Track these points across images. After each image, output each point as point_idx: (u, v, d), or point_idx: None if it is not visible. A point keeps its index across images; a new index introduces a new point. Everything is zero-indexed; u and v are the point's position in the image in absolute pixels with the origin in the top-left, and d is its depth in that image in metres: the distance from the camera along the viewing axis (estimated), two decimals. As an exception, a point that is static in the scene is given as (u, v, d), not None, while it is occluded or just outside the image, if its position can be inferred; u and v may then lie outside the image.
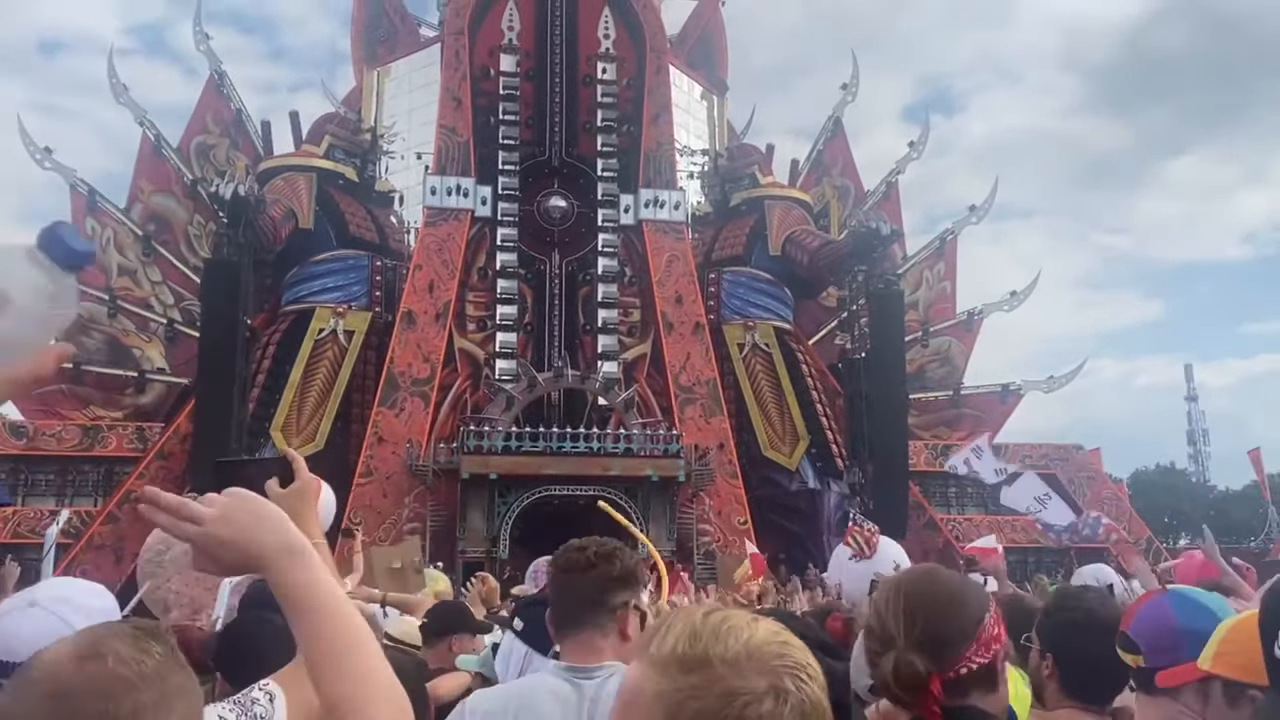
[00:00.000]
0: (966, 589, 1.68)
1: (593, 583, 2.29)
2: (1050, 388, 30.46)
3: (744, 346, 27.27)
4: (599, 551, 2.34)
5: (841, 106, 33.21)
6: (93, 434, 24.62)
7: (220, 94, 30.03)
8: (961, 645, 1.56)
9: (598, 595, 2.28)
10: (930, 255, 31.81)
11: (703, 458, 24.12)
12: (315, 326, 25.51)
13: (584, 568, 2.31)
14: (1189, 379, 71.22)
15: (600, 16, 28.51)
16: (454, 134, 27.01)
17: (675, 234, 27.46)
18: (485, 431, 22.89)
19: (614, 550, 2.36)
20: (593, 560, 2.32)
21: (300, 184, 26.41)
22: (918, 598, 1.62)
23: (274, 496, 1.86)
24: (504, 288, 26.28)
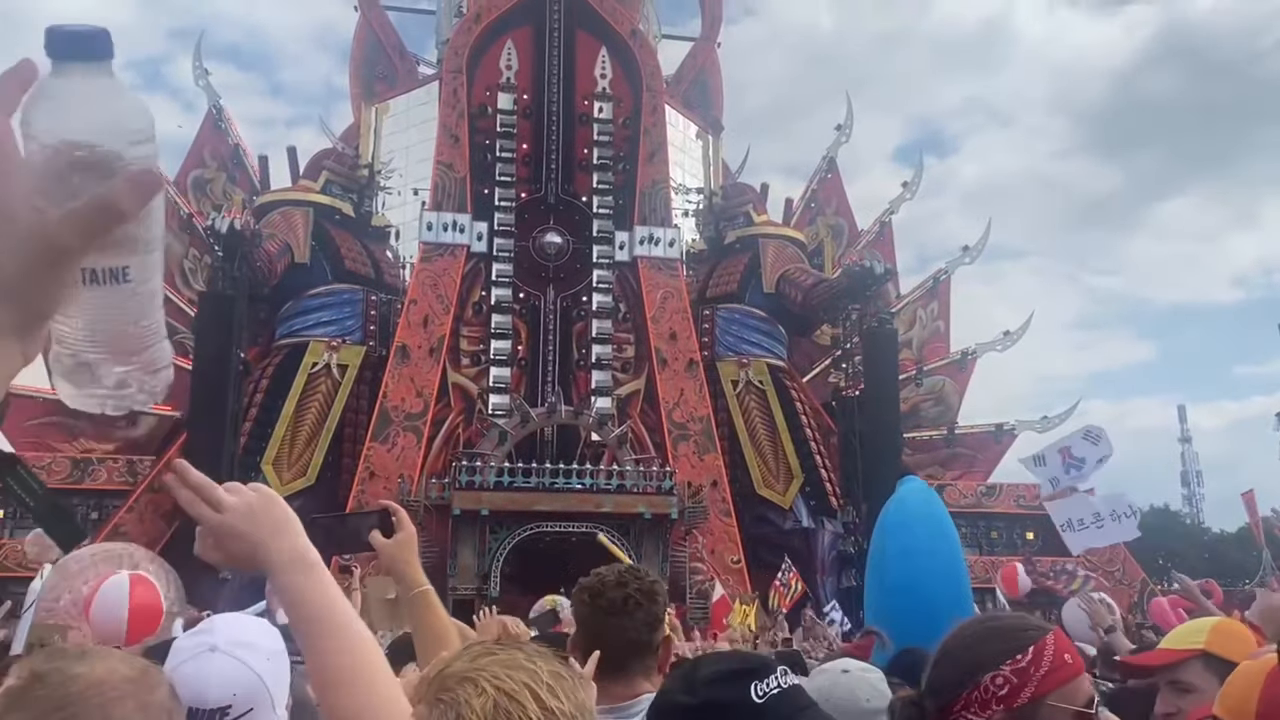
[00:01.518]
0: (988, 636, 1.58)
1: (640, 625, 2.18)
2: (1044, 428, 30.43)
3: (738, 384, 27.27)
4: (642, 590, 2.21)
5: (835, 147, 33.52)
6: (83, 467, 24.47)
7: (218, 129, 30.22)
8: (954, 692, 1.51)
9: (646, 636, 2.18)
10: (924, 295, 31.96)
11: (696, 495, 24.02)
12: (309, 360, 25.47)
13: (629, 609, 2.18)
14: (1182, 420, 71.27)
15: (597, 57, 28.81)
16: (451, 170, 27.16)
17: (670, 271, 27.56)
18: (477, 467, 22.78)
19: (654, 587, 2.25)
20: (639, 601, 2.19)
21: (297, 219, 26.50)
22: (945, 639, 1.59)
23: (379, 547, 1.89)
24: (498, 323, 26.30)
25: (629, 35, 28.92)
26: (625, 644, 2.15)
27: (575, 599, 2.31)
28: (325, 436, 24.69)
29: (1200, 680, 2.15)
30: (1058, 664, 1.53)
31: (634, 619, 2.17)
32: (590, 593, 2.25)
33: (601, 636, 2.16)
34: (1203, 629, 2.30)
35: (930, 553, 4.23)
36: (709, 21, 35.94)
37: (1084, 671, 1.58)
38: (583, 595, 2.27)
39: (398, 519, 1.94)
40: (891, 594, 4.13)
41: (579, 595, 2.28)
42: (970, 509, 27.56)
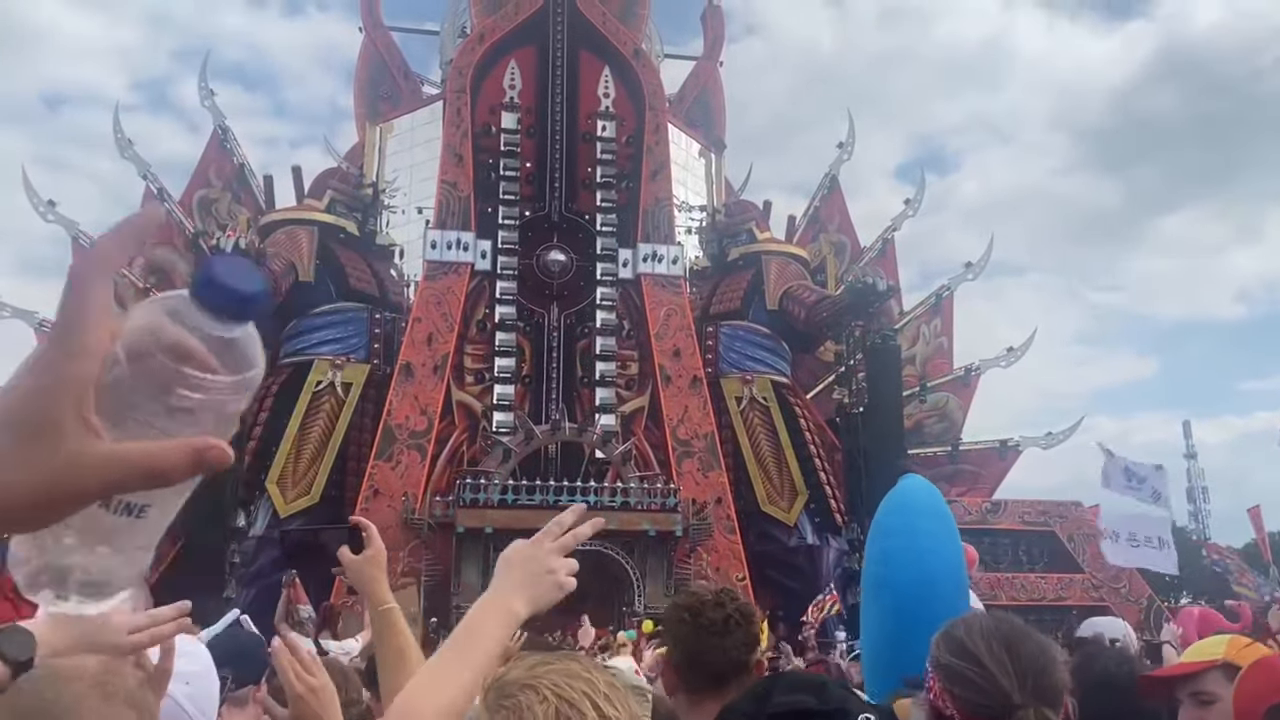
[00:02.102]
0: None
1: (739, 645, 2.17)
2: (1048, 444, 30.44)
3: (741, 400, 27.27)
4: (741, 611, 2.21)
5: (838, 164, 33.65)
6: (87, 486, 24.47)
7: (224, 149, 30.40)
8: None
9: (744, 656, 2.17)
10: (927, 311, 31.99)
11: (700, 512, 23.99)
12: (313, 379, 25.52)
13: (729, 629, 2.17)
14: (1187, 436, 70.98)
15: (600, 76, 28.98)
16: (455, 189, 27.29)
17: (673, 288, 27.62)
18: (481, 484, 22.78)
19: (751, 609, 2.25)
20: (738, 621, 2.19)
21: (301, 237, 26.61)
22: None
23: (347, 563, 1.93)
24: (502, 340, 26.36)
25: (632, 55, 29.10)
26: (725, 663, 2.15)
27: (672, 618, 2.29)
28: (329, 455, 24.71)
29: (1221, 690, 2.19)
30: None
31: (734, 638, 2.17)
32: (690, 612, 2.24)
33: (701, 655, 2.18)
34: (1221, 642, 2.37)
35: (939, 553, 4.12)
36: (711, 41, 36.17)
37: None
38: (682, 614, 2.26)
39: (367, 535, 1.98)
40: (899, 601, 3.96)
41: (677, 614, 2.28)
42: (975, 525, 27.47)
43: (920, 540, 3.91)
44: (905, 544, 3.88)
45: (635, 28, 30.14)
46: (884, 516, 4.14)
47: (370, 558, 1.97)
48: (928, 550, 3.87)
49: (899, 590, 3.77)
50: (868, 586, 4.02)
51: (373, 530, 2.01)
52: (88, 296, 0.62)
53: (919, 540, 3.89)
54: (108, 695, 1.36)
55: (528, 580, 1.48)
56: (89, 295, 0.62)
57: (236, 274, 0.67)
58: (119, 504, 0.69)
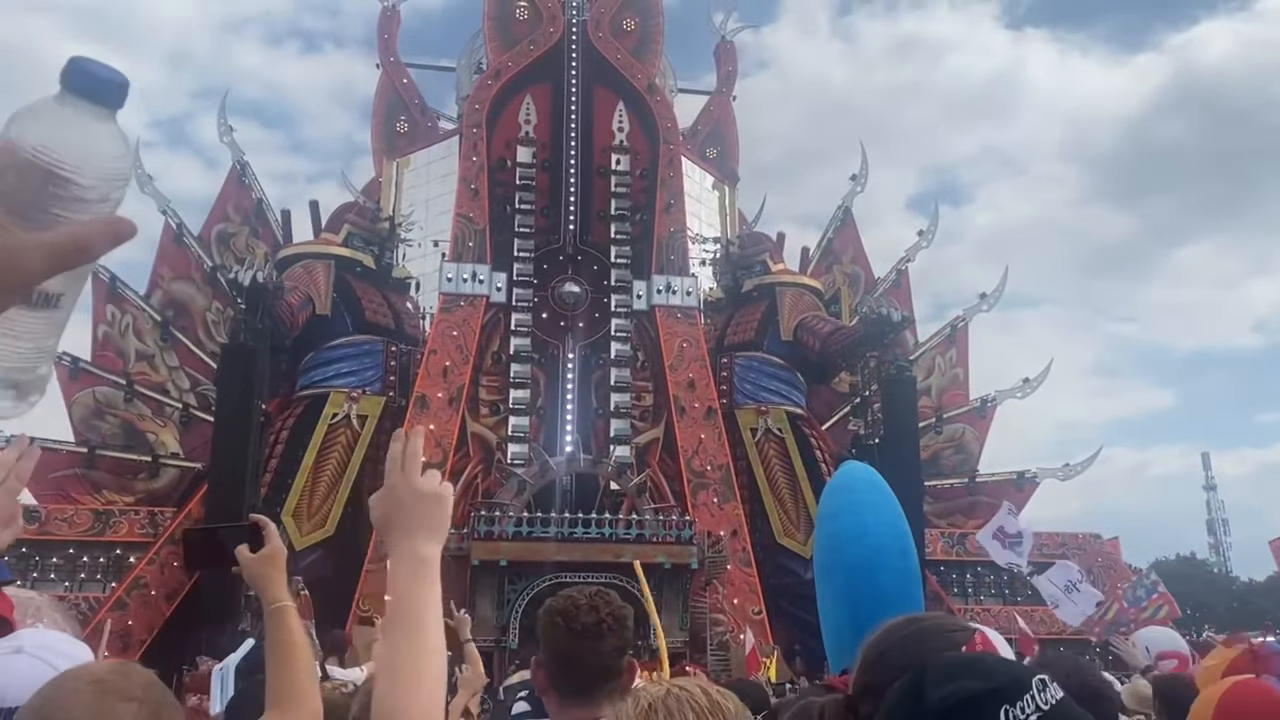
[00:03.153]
0: (920, 636, 1.56)
1: (610, 650, 2.17)
2: (1066, 475, 30.18)
3: (757, 431, 27.20)
4: (614, 615, 2.20)
5: (851, 196, 33.74)
6: (104, 518, 24.57)
7: (242, 184, 30.74)
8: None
9: (614, 662, 2.16)
10: (942, 342, 31.90)
11: (716, 545, 23.85)
12: (329, 411, 25.62)
13: (601, 634, 2.17)
14: (1206, 468, 70.24)
15: (614, 110, 29.25)
16: (471, 222, 27.50)
17: (688, 319, 27.67)
18: (496, 517, 22.72)
19: (625, 613, 2.24)
20: (611, 626, 2.18)
21: (319, 271, 26.82)
22: (874, 639, 1.59)
23: (244, 561, 1.97)
24: (517, 372, 26.43)
25: (645, 89, 29.37)
26: (595, 668, 2.15)
27: (545, 620, 2.28)
28: (344, 487, 24.74)
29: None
30: None
31: (605, 643, 2.16)
32: (562, 615, 2.22)
33: (571, 659, 2.17)
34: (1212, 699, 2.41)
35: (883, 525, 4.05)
36: (724, 75, 36.47)
37: None
38: (554, 618, 2.25)
39: (266, 533, 1.99)
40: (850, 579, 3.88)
41: (549, 617, 2.26)
42: (992, 559, 27.24)
43: (864, 515, 3.88)
44: (850, 523, 3.87)
45: (649, 63, 30.43)
46: (828, 499, 4.12)
47: (267, 556, 1.98)
48: (872, 524, 3.85)
49: (849, 568, 3.74)
50: (820, 573, 3.96)
51: (271, 529, 2.02)
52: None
53: (863, 516, 3.87)
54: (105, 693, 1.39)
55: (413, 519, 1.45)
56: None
57: (102, 65, 0.79)
58: (39, 295, 0.81)
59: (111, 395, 26.24)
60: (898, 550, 3.86)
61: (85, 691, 1.37)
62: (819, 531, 4.13)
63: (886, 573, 3.73)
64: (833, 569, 3.83)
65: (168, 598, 22.90)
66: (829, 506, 4.05)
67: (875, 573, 3.70)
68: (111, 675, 1.43)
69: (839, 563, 3.81)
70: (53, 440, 25.34)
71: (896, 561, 3.83)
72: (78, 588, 23.54)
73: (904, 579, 3.82)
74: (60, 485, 24.73)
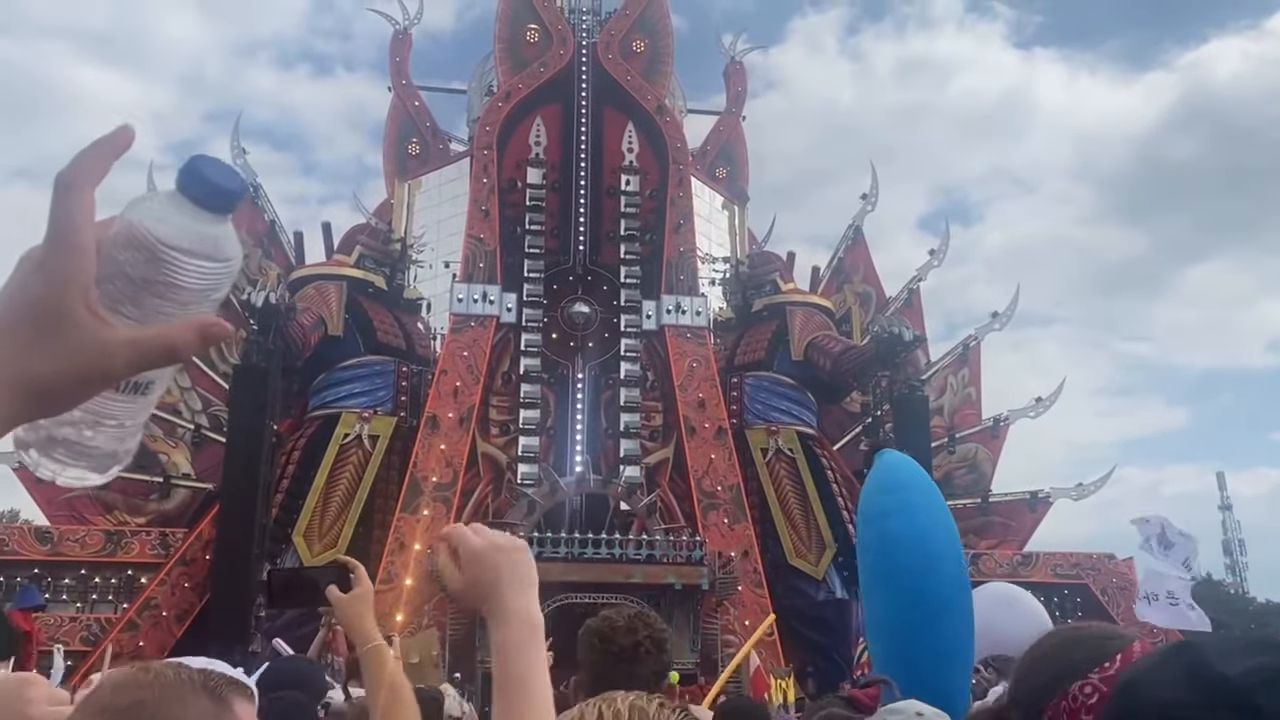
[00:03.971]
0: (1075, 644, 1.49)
1: (649, 675, 2.14)
2: (1079, 495, 29.96)
3: (767, 451, 27.11)
4: (653, 638, 2.18)
5: (861, 215, 33.75)
6: (116, 539, 24.61)
7: (255, 206, 30.94)
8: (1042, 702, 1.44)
9: (653, 685, 2.13)
10: (954, 361, 31.80)
11: (726, 565, 23.74)
12: (340, 432, 25.66)
13: (640, 657, 2.15)
14: (1221, 488, 69.62)
15: (624, 131, 29.38)
16: (481, 243, 27.62)
17: (697, 339, 27.66)
18: (507, 538, 22.66)
19: (664, 636, 2.21)
20: (649, 649, 2.16)
21: (331, 292, 26.94)
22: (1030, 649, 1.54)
23: (335, 601, 1.95)
24: (527, 392, 26.45)
25: (655, 110, 29.51)
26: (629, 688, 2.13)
27: (583, 641, 2.27)
28: (356, 507, 24.75)
29: None
30: None
31: (644, 666, 2.15)
32: (600, 636, 2.21)
33: (609, 682, 2.13)
34: None
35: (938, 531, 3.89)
36: (733, 96, 36.61)
37: None
38: (592, 639, 2.23)
39: (355, 575, 1.99)
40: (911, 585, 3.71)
41: (587, 638, 2.25)
42: (1007, 578, 27.00)
43: (919, 518, 3.73)
44: (905, 524, 3.67)
45: (658, 84, 30.59)
46: (876, 497, 3.91)
47: (358, 596, 2.00)
48: (928, 529, 3.71)
49: (907, 572, 3.58)
50: (872, 575, 3.80)
51: (360, 570, 2.02)
52: (76, 202, 0.71)
53: (918, 518, 3.71)
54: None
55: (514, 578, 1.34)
56: (77, 201, 0.71)
57: (219, 170, 0.76)
58: (128, 383, 0.80)
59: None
60: (954, 556, 3.78)
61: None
62: (866, 530, 3.95)
63: (944, 579, 3.64)
64: (891, 573, 3.67)
65: (178, 618, 22.91)
66: (879, 505, 3.84)
67: (933, 579, 3.60)
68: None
69: (896, 566, 3.65)
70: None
71: (953, 569, 3.73)
72: (89, 608, 23.56)
73: (960, 586, 3.72)
74: (72, 506, 24.80)
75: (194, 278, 0.76)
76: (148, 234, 0.75)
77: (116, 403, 0.80)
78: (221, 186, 0.76)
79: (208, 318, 0.76)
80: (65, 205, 0.71)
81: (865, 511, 3.99)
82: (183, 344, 0.75)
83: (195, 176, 0.75)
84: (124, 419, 0.82)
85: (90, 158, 0.73)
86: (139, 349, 0.73)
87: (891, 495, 3.85)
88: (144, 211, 0.76)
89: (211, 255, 0.77)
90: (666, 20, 31.76)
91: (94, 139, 0.75)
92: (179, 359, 0.76)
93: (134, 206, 0.76)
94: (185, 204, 0.76)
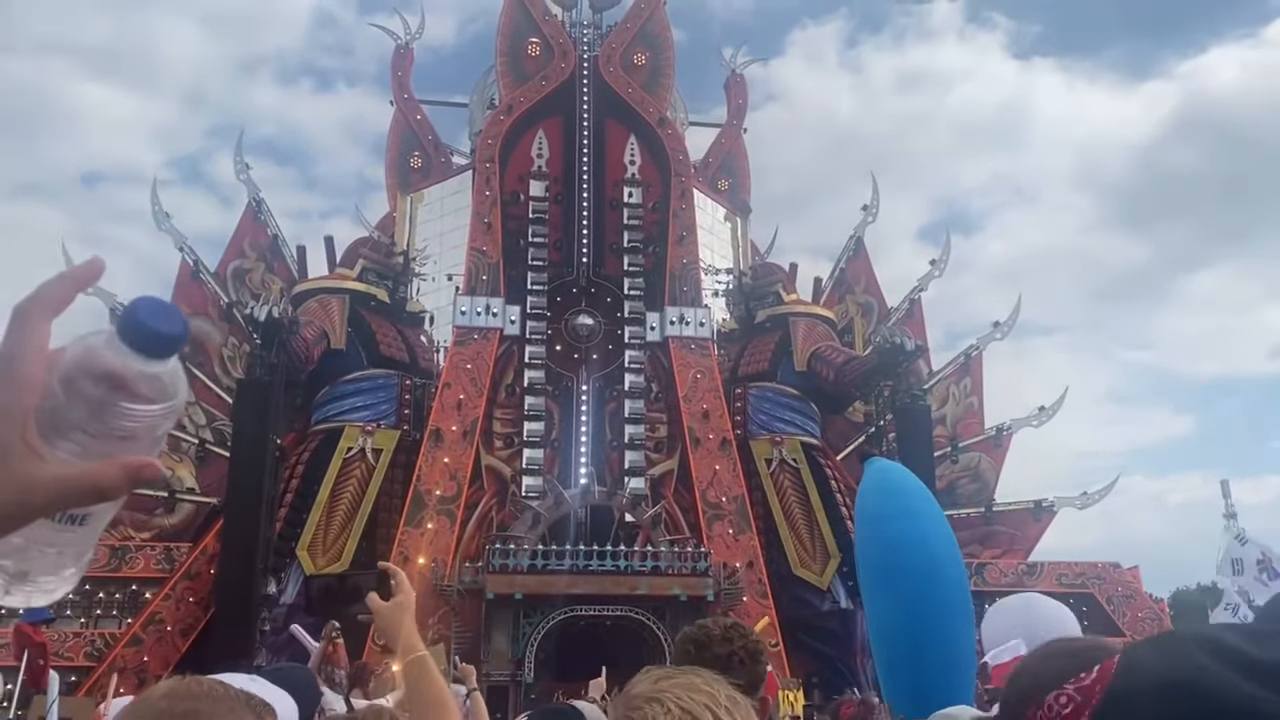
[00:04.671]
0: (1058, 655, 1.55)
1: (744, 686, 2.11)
2: (1084, 504, 29.90)
3: (771, 462, 27.09)
4: (748, 649, 2.15)
5: (863, 226, 33.81)
6: (121, 554, 24.61)
7: (258, 220, 31.04)
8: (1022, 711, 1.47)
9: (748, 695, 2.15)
10: (956, 371, 31.78)
11: (731, 576, 23.70)
12: (344, 445, 25.66)
13: (733, 667, 2.10)
14: (1226, 495, 69.25)
15: (626, 144, 29.48)
16: (484, 256, 27.67)
17: (701, 350, 27.67)
18: (511, 550, 22.65)
19: (759, 647, 2.19)
20: (743, 659, 2.13)
21: (333, 305, 26.99)
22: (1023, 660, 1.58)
23: (376, 609, 1.96)
24: (531, 404, 26.44)
25: (656, 123, 29.60)
26: None
27: (678, 647, 2.24)
28: (359, 521, 24.73)
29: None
30: None
31: (737, 677, 2.15)
32: (695, 644, 2.18)
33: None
34: None
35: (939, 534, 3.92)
36: (734, 108, 36.73)
37: None
38: (687, 646, 2.20)
39: (396, 581, 1.97)
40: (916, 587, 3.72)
41: (683, 645, 2.22)
42: (1011, 588, 26.92)
43: (921, 521, 3.77)
44: (908, 527, 3.73)
45: (660, 96, 30.69)
46: (875, 500, 3.96)
47: (400, 603, 1.96)
48: (931, 532, 3.75)
49: (911, 574, 3.62)
50: (875, 577, 3.82)
51: (402, 576, 2.01)
52: (28, 333, 0.72)
53: (920, 523, 3.76)
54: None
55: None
56: (30, 332, 0.72)
57: (159, 315, 0.76)
58: (63, 515, 0.79)
59: (128, 431, 26.39)
60: (954, 560, 3.82)
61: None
62: (866, 532, 3.98)
63: (947, 582, 3.67)
64: (892, 574, 3.70)
65: (183, 633, 22.88)
66: (879, 507, 3.89)
67: (937, 581, 3.63)
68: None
69: (898, 567, 3.68)
70: (70, 476, 25.46)
71: (954, 572, 3.77)
72: (94, 624, 23.54)
73: (963, 589, 3.77)
74: (77, 521, 24.79)
75: (134, 419, 0.77)
76: (92, 371, 0.75)
77: (53, 531, 0.80)
78: (161, 332, 0.76)
79: (137, 460, 0.76)
80: (17, 335, 0.71)
81: (864, 513, 4.03)
82: (109, 484, 0.75)
83: (134, 323, 0.75)
84: (63, 547, 0.82)
85: (52, 288, 0.74)
86: (64, 486, 0.73)
87: (890, 499, 3.90)
88: (90, 348, 0.76)
89: (152, 398, 0.77)
90: (667, 33, 31.90)
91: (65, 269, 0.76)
92: (107, 498, 0.76)
93: (82, 340, 0.77)
94: (125, 349, 0.76)
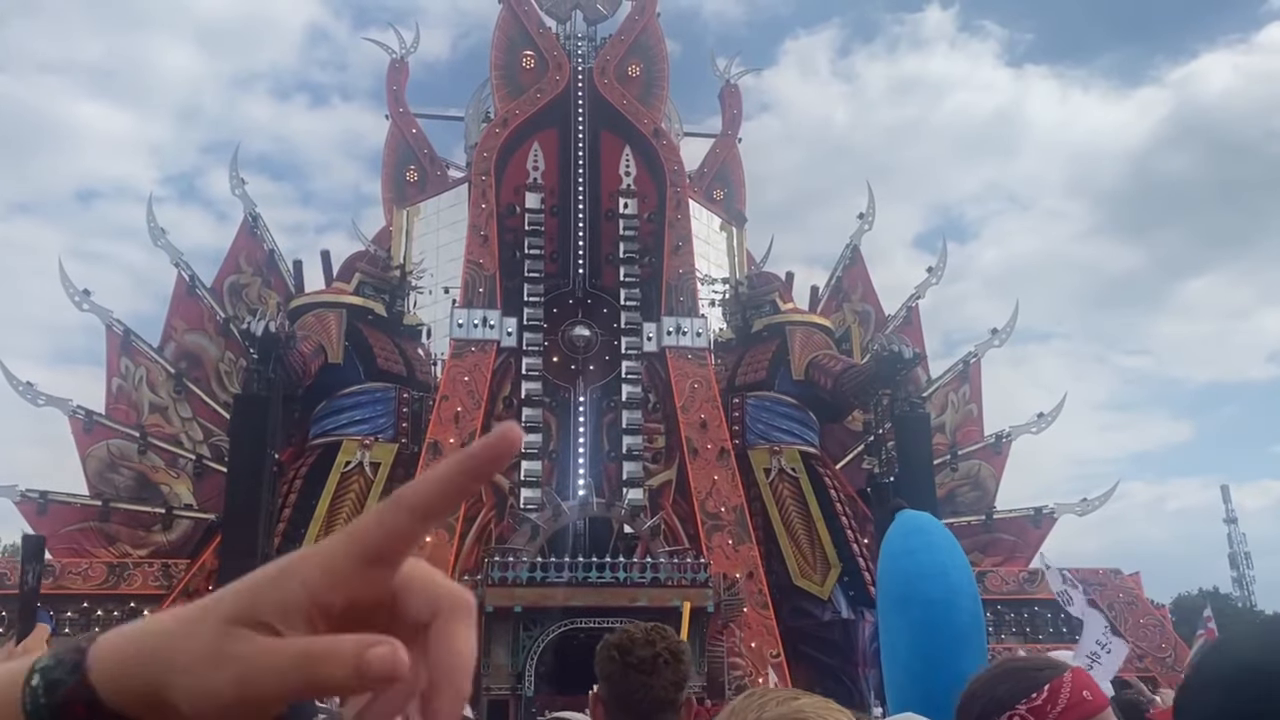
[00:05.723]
0: (1006, 676, 1.61)
1: (667, 684, 2.15)
2: (1084, 510, 29.90)
3: (770, 472, 27.05)
4: (671, 649, 2.19)
5: (859, 235, 33.88)
6: (119, 571, 24.54)
7: (254, 235, 31.04)
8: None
9: (672, 695, 2.15)
10: (954, 378, 31.80)
11: (731, 587, 23.63)
12: (342, 459, 25.62)
13: (658, 668, 2.16)
14: (1226, 501, 69.41)
15: (621, 155, 29.53)
16: (480, 268, 27.69)
17: (698, 360, 27.67)
18: (510, 562, 22.59)
19: (682, 647, 2.23)
20: (667, 660, 2.17)
21: (330, 320, 26.98)
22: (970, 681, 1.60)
23: None
24: (529, 416, 26.41)
25: (652, 134, 29.67)
26: (651, 702, 2.14)
27: (602, 655, 2.28)
28: (358, 535, 24.64)
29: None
30: (1075, 701, 1.53)
31: (662, 678, 2.15)
32: (619, 649, 2.22)
33: (628, 694, 2.16)
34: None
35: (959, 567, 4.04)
36: (729, 118, 36.81)
37: (1106, 708, 1.57)
38: (610, 652, 2.25)
39: None
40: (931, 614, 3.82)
41: (606, 651, 2.26)
42: (1013, 596, 26.96)
43: (940, 555, 3.90)
44: (928, 559, 3.88)
45: (655, 108, 30.77)
46: (898, 539, 4.12)
47: None
48: (949, 564, 3.87)
49: (927, 602, 3.72)
50: (891, 605, 3.94)
51: None
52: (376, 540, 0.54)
53: (939, 556, 3.89)
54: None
55: None
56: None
57: None
58: None
59: (125, 448, 26.30)
60: (971, 594, 3.93)
61: None
62: (888, 565, 4.15)
63: (963, 613, 3.76)
64: (909, 602, 3.83)
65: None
66: (903, 544, 4.08)
67: (953, 610, 3.72)
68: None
69: (916, 595, 3.81)
70: (67, 494, 25.43)
71: (970, 604, 3.87)
72: (92, 642, 23.41)
73: (977, 621, 3.88)
74: (74, 539, 24.73)
75: None
76: None
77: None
78: None
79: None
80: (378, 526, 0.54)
81: (888, 549, 4.20)
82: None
83: None
84: None
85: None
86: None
87: (914, 537, 4.12)
88: None
89: None
90: (661, 45, 32.01)
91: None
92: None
93: None
94: None
